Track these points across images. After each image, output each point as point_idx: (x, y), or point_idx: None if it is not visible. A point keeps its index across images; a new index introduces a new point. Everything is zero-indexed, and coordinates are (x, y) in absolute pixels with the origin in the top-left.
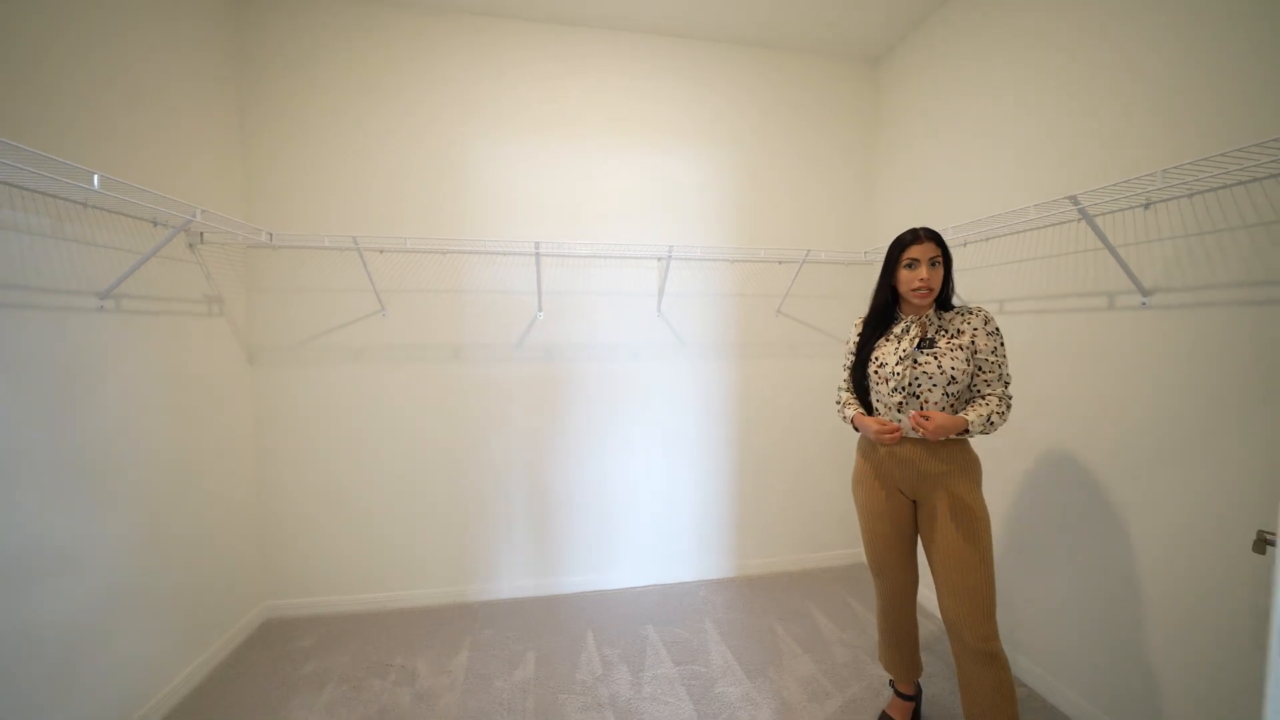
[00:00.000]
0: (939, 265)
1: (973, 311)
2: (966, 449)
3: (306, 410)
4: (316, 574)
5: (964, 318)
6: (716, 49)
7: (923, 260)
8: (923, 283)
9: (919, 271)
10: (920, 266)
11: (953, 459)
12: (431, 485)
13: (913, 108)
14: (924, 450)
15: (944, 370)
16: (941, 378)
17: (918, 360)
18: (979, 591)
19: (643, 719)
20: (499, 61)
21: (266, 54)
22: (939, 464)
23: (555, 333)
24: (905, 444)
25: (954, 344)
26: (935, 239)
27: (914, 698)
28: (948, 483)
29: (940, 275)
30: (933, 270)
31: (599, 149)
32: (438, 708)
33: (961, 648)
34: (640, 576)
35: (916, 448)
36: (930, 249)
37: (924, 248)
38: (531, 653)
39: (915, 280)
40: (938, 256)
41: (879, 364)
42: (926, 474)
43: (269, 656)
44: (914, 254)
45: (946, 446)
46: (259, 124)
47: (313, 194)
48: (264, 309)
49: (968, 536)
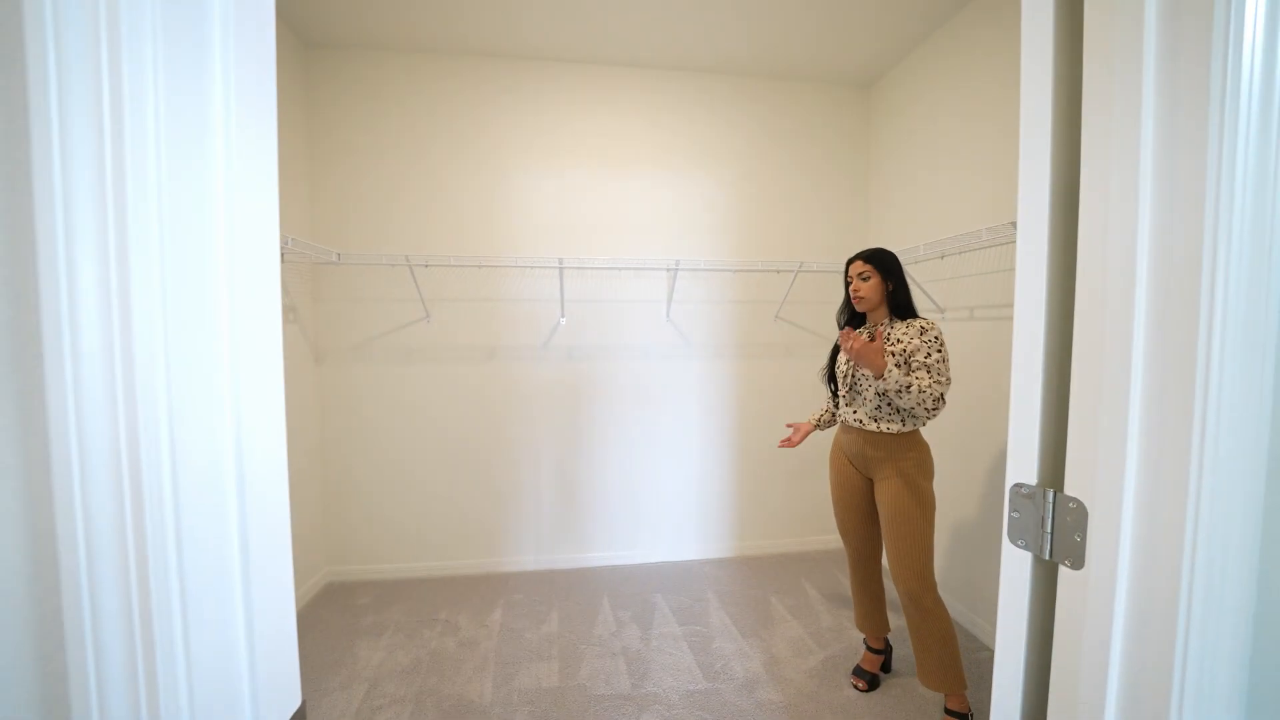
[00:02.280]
0: (869, 279)
1: (919, 325)
2: (912, 439)
3: (363, 403)
4: (370, 544)
5: (907, 325)
6: (722, 79)
7: (853, 277)
8: (855, 293)
9: (853, 287)
10: (854, 283)
11: (895, 445)
12: (469, 469)
13: (901, 129)
14: (870, 438)
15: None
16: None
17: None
18: (910, 554)
19: (650, 666)
20: (528, 97)
21: (329, 99)
22: (881, 450)
23: (576, 336)
24: (853, 433)
25: (896, 349)
26: (864, 258)
27: (883, 651)
28: (895, 463)
29: (871, 286)
30: (863, 283)
31: (617, 172)
32: (478, 652)
33: (904, 601)
34: (651, 554)
35: (865, 436)
36: (859, 266)
37: (854, 266)
38: (555, 613)
39: (852, 295)
40: (867, 271)
41: (837, 363)
42: (872, 458)
43: (334, 610)
44: (850, 273)
45: (893, 436)
46: (324, 159)
47: (367, 217)
48: (328, 316)
49: (903, 507)
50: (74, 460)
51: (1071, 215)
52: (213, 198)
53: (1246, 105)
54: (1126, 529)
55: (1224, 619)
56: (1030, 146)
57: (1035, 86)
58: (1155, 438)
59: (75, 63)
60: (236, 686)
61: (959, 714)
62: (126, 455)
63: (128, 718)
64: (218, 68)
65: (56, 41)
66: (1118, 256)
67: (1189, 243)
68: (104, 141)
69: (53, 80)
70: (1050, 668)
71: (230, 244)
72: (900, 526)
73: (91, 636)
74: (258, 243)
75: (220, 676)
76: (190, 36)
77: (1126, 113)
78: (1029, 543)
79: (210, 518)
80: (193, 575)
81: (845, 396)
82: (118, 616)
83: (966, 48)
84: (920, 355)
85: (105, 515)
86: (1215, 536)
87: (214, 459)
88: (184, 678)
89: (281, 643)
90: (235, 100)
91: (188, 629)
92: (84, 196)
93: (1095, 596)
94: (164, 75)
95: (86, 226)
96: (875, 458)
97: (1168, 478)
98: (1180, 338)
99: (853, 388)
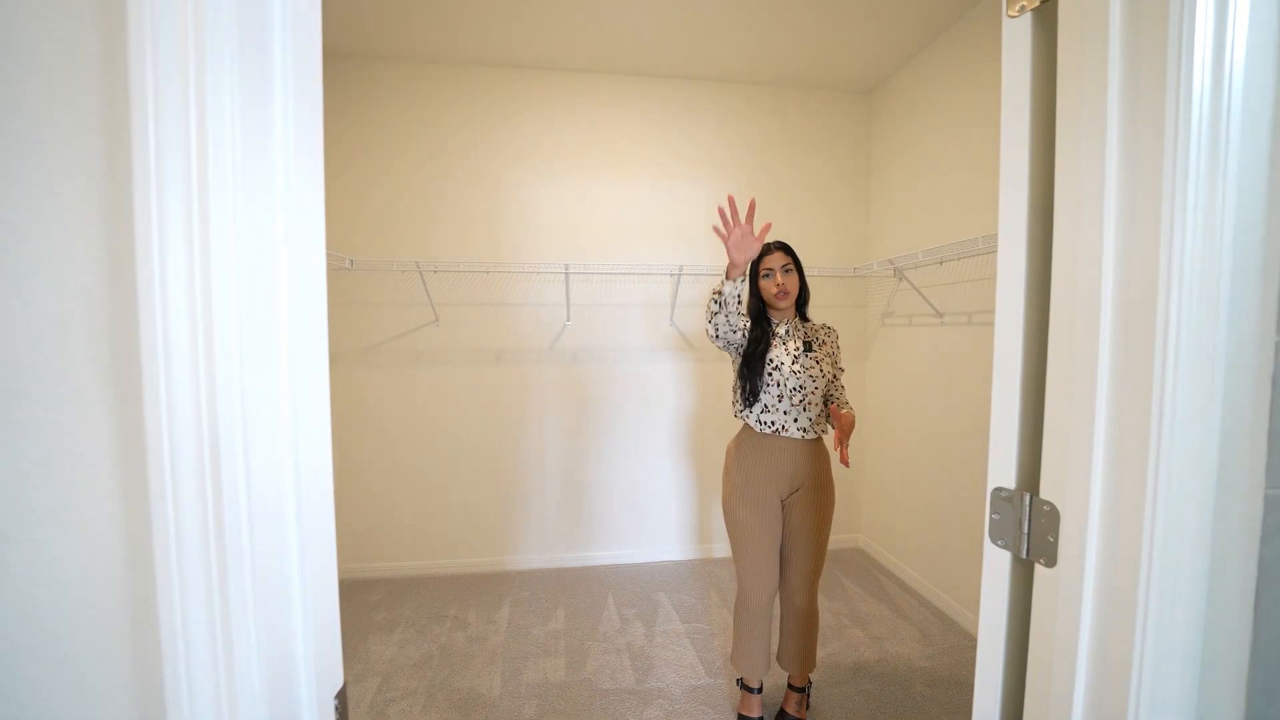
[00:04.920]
0: (792, 271)
1: (828, 329)
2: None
3: (374, 405)
4: (382, 542)
5: (825, 331)
6: (724, 87)
7: (776, 269)
8: (779, 287)
9: (774, 279)
10: (775, 274)
11: (822, 448)
12: (477, 470)
13: (901, 135)
14: (808, 447)
15: (824, 374)
16: (821, 380)
17: (805, 366)
18: (820, 562)
19: (654, 662)
20: (533, 106)
21: (339, 108)
22: (815, 458)
23: (581, 339)
24: (792, 445)
25: (824, 351)
26: (785, 249)
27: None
28: (823, 468)
29: (795, 280)
30: (786, 275)
31: (621, 179)
32: (487, 648)
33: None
34: (655, 553)
35: (804, 446)
36: (780, 258)
37: (774, 257)
38: (561, 610)
39: (773, 287)
40: (789, 264)
41: (775, 365)
42: (805, 469)
43: (346, 607)
44: (768, 264)
45: (821, 438)
46: (335, 167)
47: (379, 223)
48: (341, 319)
49: (829, 515)
50: (166, 464)
51: (1047, 235)
52: (274, 225)
53: (1196, 142)
54: (1093, 530)
55: (1178, 611)
56: (1009, 179)
57: (1014, 115)
58: (1118, 445)
59: (168, 113)
60: (292, 666)
61: (801, 689)
62: (209, 457)
63: (210, 689)
64: (278, 110)
65: (155, 99)
66: (1086, 279)
67: (1147, 266)
68: (190, 173)
69: (151, 127)
70: (1027, 657)
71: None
72: (825, 537)
73: (180, 614)
74: (307, 258)
75: (281, 656)
76: (258, 88)
77: (1093, 146)
78: (1008, 543)
79: (274, 510)
80: (262, 562)
81: (791, 411)
82: (201, 602)
83: (966, 55)
84: (839, 366)
85: (192, 513)
86: (1171, 537)
87: (276, 457)
88: (255, 657)
89: (328, 626)
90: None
91: (257, 610)
92: (173, 219)
93: (1066, 592)
94: (240, 121)
95: (178, 250)
96: (809, 469)
97: (1129, 483)
98: (1140, 354)
99: (804, 398)
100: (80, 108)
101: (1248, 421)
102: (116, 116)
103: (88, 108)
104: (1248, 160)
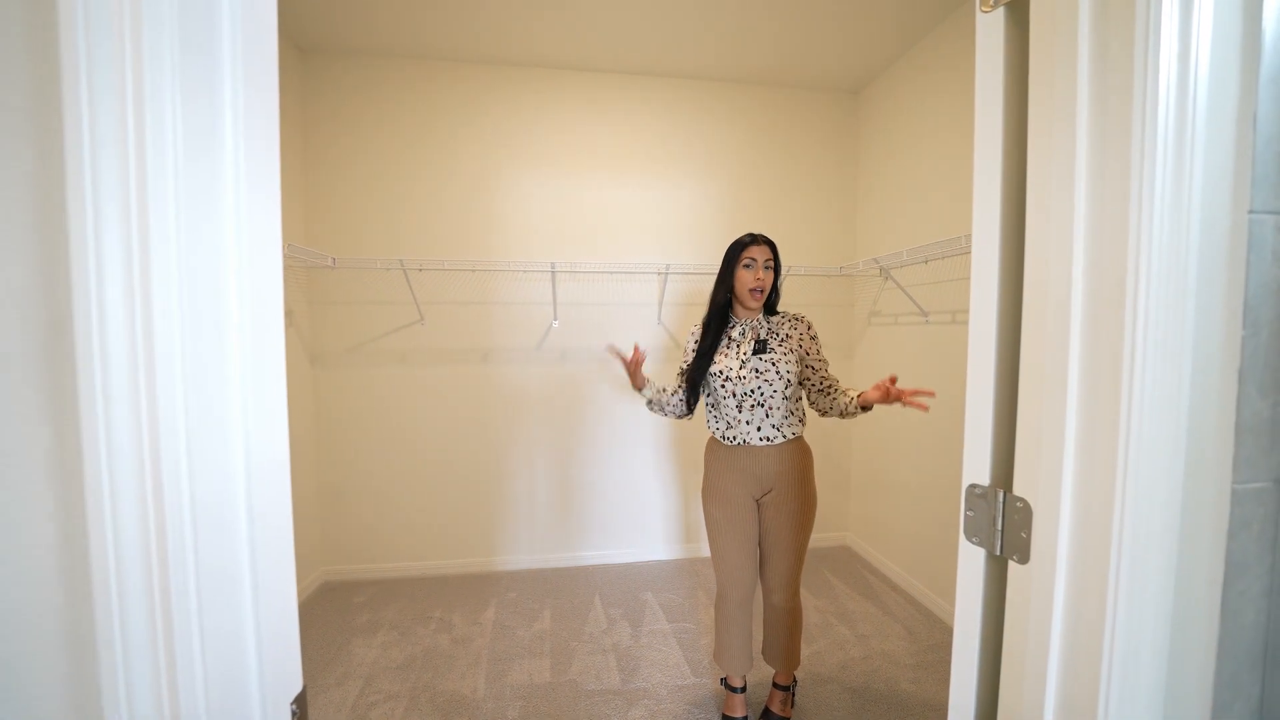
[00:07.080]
0: (771, 268)
1: (798, 318)
2: (802, 436)
3: (358, 405)
4: (365, 544)
5: (791, 323)
6: (711, 85)
7: (759, 261)
8: (758, 282)
9: (755, 271)
10: (756, 267)
11: (797, 448)
12: (463, 471)
13: (888, 134)
14: (773, 452)
15: (781, 375)
16: (780, 382)
17: (759, 369)
18: (800, 562)
19: (640, 663)
20: (520, 104)
21: (324, 104)
22: (785, 460)
23: (569, 338)
24: (754, 452)
25: (785, 347)
26: (769, 244)
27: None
28: (799, 468)
29: (771, 278)
30: (766, 272)
31: (608, 178)
32: (471, 649)
33: (781, 607)
34: (642, 553)
35: (769, 451)
36: (765, 252)
37: (760, 249)
38: (547, 610)
39: (752, 280)
40: (770, 260)
41: (724, 377)
42: (775, 471)
43: (330, 609)
44: (753, 254)
45: (795, 440)
46: (318, 164)
47: (362, 221)
48: (323, 319)
49: (809, 516)
50: (103, 464)
51: (1021, 232)
52: (222, 211)
53: (1163, 139)
54: (1064, 527)
55: (1147, 605)
56: (983, 175)
57: (988, 111)
58: (1088, 441)
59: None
60: (244, 672)
61: (786, 687)
62: (149, 458)
63: (150, 694)
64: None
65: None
66: (1057, 275)
67: (1115, 263)
68: (128, 155)
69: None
70: (1001, 651)
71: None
72: (803, 536)
73: (119, 619)
74: (262, 254)
75: (230, 660)
76: (203, 61)
77: (1064, 142)
78: (983, 539)
79: (222, 511)
80: (207, 563)
81: (753, 420)
82: (142, 605)
83: (952, 55)
84: (814, 357)
85: (130, 515)
86: (1140, 532)
87: (225, 458)
88: (200, 663)
89: (285, 630)
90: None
91: (203, 613)
92: (109, 207)
93: (1038, 587)
94: (181, 100)
95: (113, 242)
96: (778, 470)
97: (1099, 479)
98: (1109, 350)
99: (757, 402)
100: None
101: (1215, 417)
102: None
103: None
104: (1214, 157)
